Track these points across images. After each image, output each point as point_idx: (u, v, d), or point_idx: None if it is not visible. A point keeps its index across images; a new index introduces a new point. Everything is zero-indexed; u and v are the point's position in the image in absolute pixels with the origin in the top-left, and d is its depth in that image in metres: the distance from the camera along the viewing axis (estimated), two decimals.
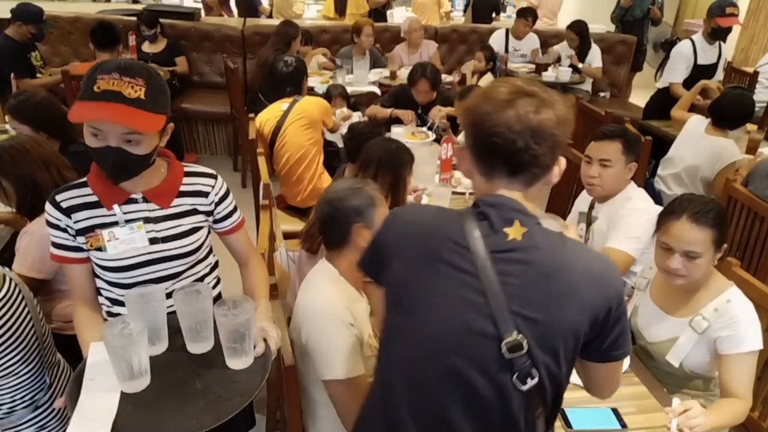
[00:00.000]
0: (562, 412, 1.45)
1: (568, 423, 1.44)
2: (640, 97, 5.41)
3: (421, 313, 1.03)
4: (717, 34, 4.09)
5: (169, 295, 1.34)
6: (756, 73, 4.69)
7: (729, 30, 4.10)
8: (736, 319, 1.55)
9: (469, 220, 1.01)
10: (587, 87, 5.17)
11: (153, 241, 1.36)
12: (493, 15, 6.83)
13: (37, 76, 4.09)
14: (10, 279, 1.48)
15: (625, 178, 2.10)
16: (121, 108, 1.17)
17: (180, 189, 1.40)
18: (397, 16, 6.86)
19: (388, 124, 3.57)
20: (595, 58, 5.04)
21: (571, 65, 5.01)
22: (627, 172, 2.08)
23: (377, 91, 4.40)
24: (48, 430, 1.61)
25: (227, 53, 5.13)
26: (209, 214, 1.46)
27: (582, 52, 5.03)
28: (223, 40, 5.14)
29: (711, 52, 4.18)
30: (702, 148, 3.03)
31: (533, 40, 5.31)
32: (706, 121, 3.11)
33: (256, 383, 1.22)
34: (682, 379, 1.70)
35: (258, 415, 1.80)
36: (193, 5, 6.49)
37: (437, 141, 3.25)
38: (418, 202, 2.31)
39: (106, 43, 3.83)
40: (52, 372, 1.61)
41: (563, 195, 3.04)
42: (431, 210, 1.13)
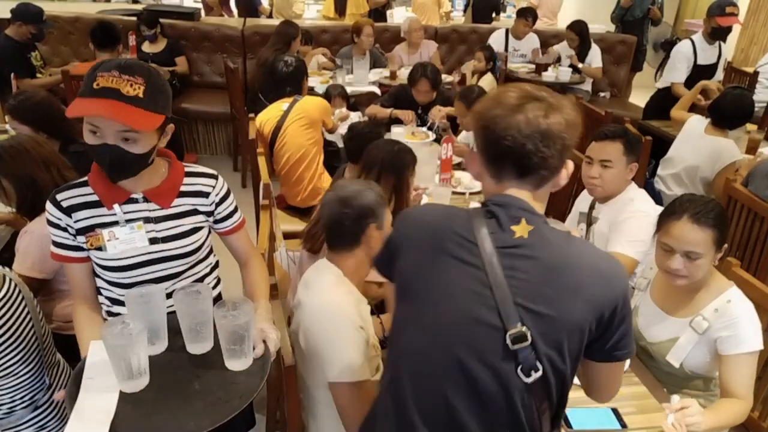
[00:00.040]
0: None
1: (568, 423, 1.44)
2: (640, 97, 5.41)
3: (428, 303, 1.06)
4: (717, 34, 4.09)
5: (169, 295, 1.34)
6: (756, 73, 4.69)
7: (729, 30, 4.10)
8: (736, 320, 1.55)
9: (478, 218, 1.04)
10: (587, 87, 5.16)
11: (153, 241, 1.36)
12: (493, 15, 6.83)
13: (37, 76, 4.08)
14: (10, 279, 1.48)
15: (626, 179, 2.10)
16: (117, 105, 1.17)
17: (181, 189, 1.40)
18: (397, 16, 6.86)
19: (388, 124, 3.57)
20: (595, 58, 5.04)
21: (571, 65, 5.01)
22: (628, 172, 2.08)
23: (377, 91, 4.40)
24: (48, 430, 1.61)
25: (227, 53, 5.13)
26: (210, 214, 1.46)
27: (582, 52, 5.03)
28: (223, 40, 5.13)
29: (711, 52, 4.18)
30: (702, 148, 3.03)
31: (533, 40, 5.31)
32: (705, 121, 3.10)
33: (255, 385, 1.22)
34: (683, 380, 1.70)
35: (258, 415, 1.80)
36: (193, 5, 6.49)
37: (437, 141, 3.24)
38: (418, 202, 2.31)
39: (106, 43, 3.82)
40: (51, 372, 1.61)
41: (563, 195, 3.04)
42: (441, 209, 1.17)
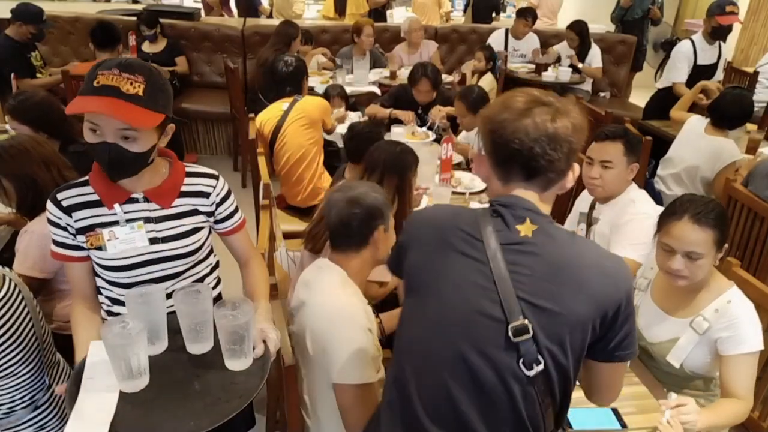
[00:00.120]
0: None
1: (568, 423, 1.44)
2: (640, 97, 5.41)
3: (432, 296, 1.08)
4: (717, 34, 4.09)
5: (169, 295, 1.34)
6: (756, 73, 4.69)
7: (729, 29, 4.09)
8: (736, 320, 1.55)
9: (484, 217, 1.07)
10: (587, 87, 5.17)
11: (153, 240, 1.36)
12: (493, 15, 6.83)
13: (37, 76, 4.08)
14: (10, 279, 1.48)
15: (627, 179, 2.09)
16: (117, 102, 1.17)
17: (181, 189, 1.40)
18: (397, 16, 6.87)
19: (388, 124, 3.57)
20: (595, 58, 5.04)
21: (571, 65, 5.01)
22: (628, 173, 2.08)
23: (377, 91, 4.40)
24: (47, 430, 1.61)
25: (227, 53, 5.13)
26: (210, 214, 1.45)
27: (582, 52, 5.03)
28: (223, 40, 5.13)
29: (711, 52, 4.18)
30: (702, 148, 3.03)
31: (533, 40, 5.31)
32: (705, 121, 3.10)
33: (254, 385, 1.22)
34: (683, 380, 1.70)
35: (258, 415, 1.80)
36: (193, 5, 6.50)
37: (437, 141, 3.24)
38: (418, 202, 2.30)
39: (106, 43, 3.82)
40: (51, 372, 1.61)
41: (563, 195, 2.99)
42: (449, 209, 1.22)
